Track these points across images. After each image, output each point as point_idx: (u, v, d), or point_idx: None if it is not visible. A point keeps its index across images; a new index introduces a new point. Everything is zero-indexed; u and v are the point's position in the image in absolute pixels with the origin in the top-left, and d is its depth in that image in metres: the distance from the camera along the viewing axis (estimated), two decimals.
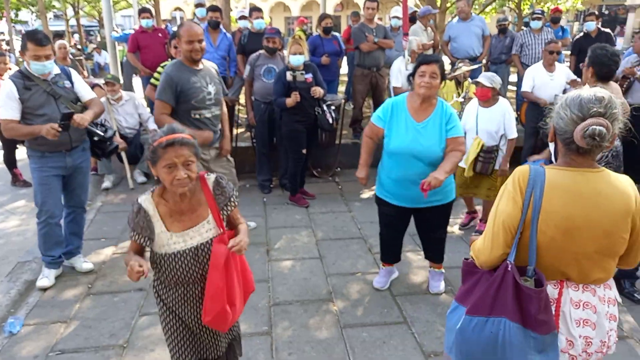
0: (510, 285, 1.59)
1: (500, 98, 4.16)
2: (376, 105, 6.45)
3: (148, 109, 6.02)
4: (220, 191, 2.02)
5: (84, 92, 3.51)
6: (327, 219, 4.80)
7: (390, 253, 3.51)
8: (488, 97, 4.06)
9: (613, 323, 1.66)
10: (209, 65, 3.74)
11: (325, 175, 6.05)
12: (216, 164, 3.83)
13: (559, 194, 1.56)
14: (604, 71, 3.15)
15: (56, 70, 3.36)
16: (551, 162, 1.75)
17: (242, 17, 7.09)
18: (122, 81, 6.00)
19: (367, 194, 5.48)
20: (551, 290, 1.63)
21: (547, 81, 5.17)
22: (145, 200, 1.92)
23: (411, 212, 3.27)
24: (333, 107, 5.05)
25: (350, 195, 5.43)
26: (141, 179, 5.78)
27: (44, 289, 3.53)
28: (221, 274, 1.90)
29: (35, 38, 3.16)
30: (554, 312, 1.61)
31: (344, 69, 8.15)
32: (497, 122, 4.08)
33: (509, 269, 1.61)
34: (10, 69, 5.67)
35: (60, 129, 3.13)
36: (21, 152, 5.95)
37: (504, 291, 1.60)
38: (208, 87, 3.56)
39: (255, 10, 6.46)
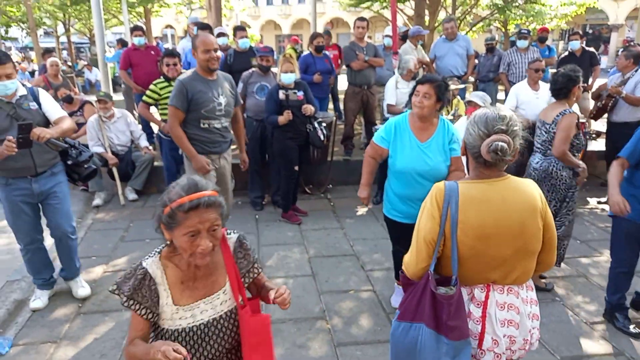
0: (428, 293, 1.74)
1: None
2: (367, 122, 6.52)
3: (140, 126, 6.04)
4: (243, 254, 1.69)
5: (53, 112, 3.23)
6: (319, 235, 4.81)
7: None
8: None
9: (535, 322, 1.81)
10: (223, 76, 3.80)
11: (317, 192, 6.07)
12: (221, 177, 3.89)
13: (472, 206, 1.71)
14: (553, 88, 3.55)
15: (22, 91, 3.13)
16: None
17: (221, 34, 6.86)
18: (114, 98, 6.00)
19: (359, 210, 5.50)
20: (478, 293, 1.77)
21: (532, 99, 5.25)
22: (153, 264, 1.56)
23: None
24: (324, 124, 5.10)
25: (342, 212, 5.45)
26: (132, 196, 5.76)
27: (36, 310, 3.48)
28: (271, 352, 1.61)
29: None
30: (480, 314, 1.75)
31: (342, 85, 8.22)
32: None
33: (430, 278, 1.76)
34: None
35: (14, 144, 2.87)
36: None
37: (424, 299, 1.75)
38: (219, 98, 3.66)
39: (239, 29, 6.52)
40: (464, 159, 1.94)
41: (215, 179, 3.93)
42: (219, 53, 3.59)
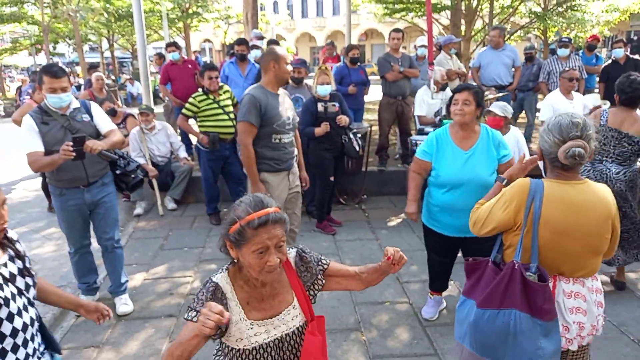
0: (518, 281, 1.86)
1: (512, 127, 4.16)
2: (402, 132, 6.49)
3: (179, 138, 6.21)
4: (305, 267, 1.68)
5: (104, 124, 3.37)
6: (354, 246, 4.79)
7: (439, 281, 3.46)
8: (500, 126, 4.03)
9: (600, 309, 1.96)
10: (283, 91, 3.78)
11: (351, 203, 6.07)
12: (294, 194, 3.84)
13: (555, 204, 1.87)
14: (623, 98, 3.50)
15: (75, 103, 3.26)
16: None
17: (255, 47, 7.05)
18: (155, 111, 6.20)
19: (394, 221, 5.46)
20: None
21: (569, 108, 5.11)
22: (222, 279, 1.56)
23: (459, 241, 3.19)
24: (359, 135, 5.12)
25: (377, 223, 5.42)
26: (171, 205, 5.91)
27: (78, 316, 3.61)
28: None
29: (50, 71, 3.08)
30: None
31: (375, 96, 8.21)
32: (512, 150, 4.05)
33: (517, 267, 1.88)
34: None
35: (72, 149, 2.93)
36: None
37: (512, 286, 1.86)
38: (287, 111, 3.62)
39: (273, 42, 6.68)
40: (540, 163, 2.08)
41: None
42: (257, 65, 3.65)
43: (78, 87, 16.52)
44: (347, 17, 9.69)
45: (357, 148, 4.97)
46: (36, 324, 1.69)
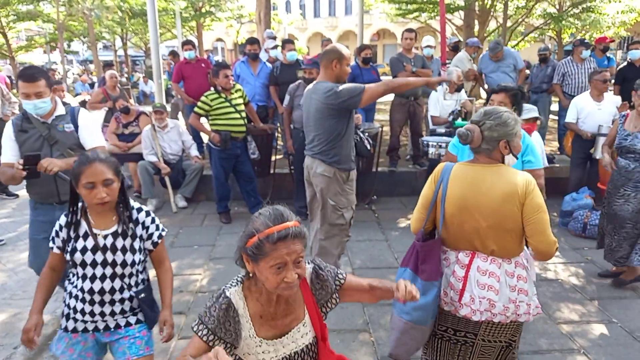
0: (415, 245, 2.17)
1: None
2: (414, 133, 6.46)
3: (191, 137, 6.24)
4: (321, 285, 1.63)
5: (89, 138, 2.94)
6: (364, 247, 4.78)
7: None
8: (533, 130, 4.00)
9: (523, 296, 2.03)
10: None
11: (361, 203, 6.05)
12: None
13: (458, 182, 2.07)
14: None
15: (60, 110, 2.90)
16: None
17: (275, 47, 7.10)
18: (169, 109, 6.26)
19: (404, 222, 5.44)
20: (463, 257, 2.09)
21: (595, 111, 5.06)
22: (235, 294, 1.51)
23: None
24: (367, 134, 5.09)
25: (387, 224, 5.40)
26: (182, 203, 5.94)
27: None
28: None
29: (24, 74, 2.72)
30: (463, 275, 2.07)
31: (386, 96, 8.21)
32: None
33: (419, 235, 2.18)
34: (65, 96, 6.01)
35: (23, 172, 2.65)
36: None
37: (413, 249, 2.18)
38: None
39: (287, 42, 6.67)
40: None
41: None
42: (268, 64, 3.63)
43: (92, 85, 16.70)
44: (360, 17, 9.68)
45: (368, 147, 4.95)
46: (122, 295, 2.05)
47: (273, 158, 6.24)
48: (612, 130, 4.02)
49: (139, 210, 2.09)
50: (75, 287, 2.06)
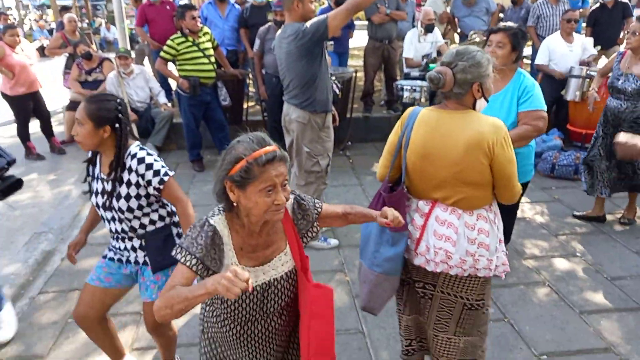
0: (380, 194, 2.07)
1: None
2: (388, 78, 6.39)
3: (158, 84, 6.02)
4: (302, 214, 1.65)
5: None
6: (338, 192, 4.81)
7: None
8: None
9: (483, 250, 1.92)
10: None
11: (335, 150, 6.02)
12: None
13: (422, 129, 1.94)
14: None
15: None
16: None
17: None
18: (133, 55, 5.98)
19: (377, 168, 5.46)
20: (423, 205, 1.99)
21: (566, 52, 5.06)
22: (219, 222, 1.49)
23: None
24: (335, 78, 4.98)
25: (361, 169, 5.43)
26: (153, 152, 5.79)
27: None
28: (329, 323, 1.58)
29: None
30: (421, 224, 1.98)
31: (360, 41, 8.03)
32: None
33: (384, 183, 2.10)
34: (20, 41, 5.67)
35: None
36: (34, 126, 6.00)
37: (377, 198, 2.09)
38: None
39: None
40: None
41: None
42: (237, 6, 3.46)
43: (50, 32, 15.80)
44: None
45: (337, 91, 4.85)
46: (134, 234, 2.11)
47: (245, 105, 6.11)
48: (608, 62, 3.99)
49: (133, 156, 2.02)
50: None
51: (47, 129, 6.04)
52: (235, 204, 1.46)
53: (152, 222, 2.11)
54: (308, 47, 3.20)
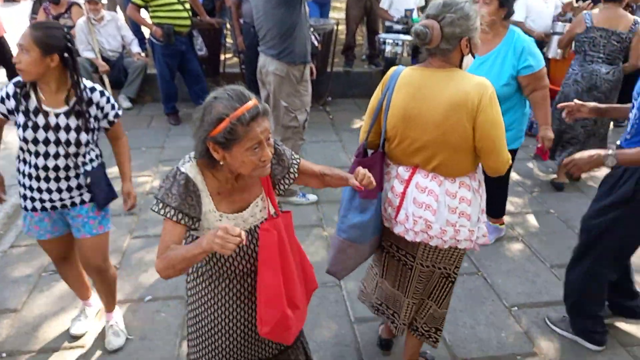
0: (356, 159, 2.00)
1: None
2: (370, 31, 6.23)
3: (131, 32, 5.74)
4: (277, 160, 1.60)
5: None
6: (318, 148, 4.76)
7: None
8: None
9: (464, 220, 1.83)
10: None
11: (315, 105, 5.93)
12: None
13: (404, 89, 1.81)
14: None
15: None
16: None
17: None
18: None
19: (358, 124, 5.42)
20: (403, 172, 1.88)
21: (543, 9, 4.96)
22: (191, 169, 1.44)
23: None
24: (313, 30, 4.83)
25: (341, 125, 5.37)
26: (126, 104, 5.60)
27: None
28: (276, 270, 1.49)
29: None
30: (401, 191, 1.87)
31: None
32: None
33: (360, 148, 2.01)
34: None
35: None
36: (0, 74, 5.73)
37: (355, 165, 1.97)
38: None
39: None
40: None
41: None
42: None
43: None
44: None
45: (315, 44, 4.71)
46: (77, 171, 2.05)
47: (222, 57, 5.91)
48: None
49: (92, 89, 2.01)
50: (29, 164, 2.03)
51: (13, 76, 5.75)
52: (220, 163, 1.40)
53: (91, 160, 2.10)
54: None
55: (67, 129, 1.96)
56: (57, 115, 1.94)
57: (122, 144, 2.23)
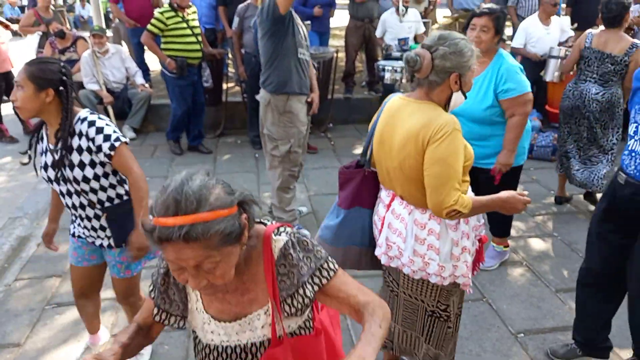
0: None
1: None
2: (369, 59, 6.33)
3: (135, 63, 5.85)
4: (287, 270, 1.16)
5: None
6: (320, 174, 4.79)
7: None
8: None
9: (432, 254, 1.80)
10: None
11: (317, 131, 5.99)
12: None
13: (384, 115, 1.89)
14: (604, 19, 3.55)
15: None
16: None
17: None
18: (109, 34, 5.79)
19: (359, 149, 5.45)
20: (384, 196, 1.95)
21: (543, 35, 5.06)
22: None
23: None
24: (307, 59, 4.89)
25: (342, 151, 5.41)
26: (130, 134, 5.68)
27: None
28: None
29: None
30: (383, 215, 1.92)
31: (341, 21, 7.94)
32: None
33: (350, 164, 2.11)
34: None
35: None
36: (7, 108, 5.82)
37: (339, 172, 2.12)
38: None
39: None
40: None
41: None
42: None
43: (22, 9, 15.23)
44: None
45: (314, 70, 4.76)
46: (94, 210, 2.00)
47: (225, 86, 6.00)
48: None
49: (83, 120, 1.89)
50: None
51: None
52: None
53: (110, 199, 2.01)
54: (267, 25, 3.14)
55: (63, 165, 1.89)
56: (56, 152, 1.90)
57: (131, 182, 1.96)
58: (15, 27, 6.66)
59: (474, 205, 1.73)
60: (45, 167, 1.96)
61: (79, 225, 2.09)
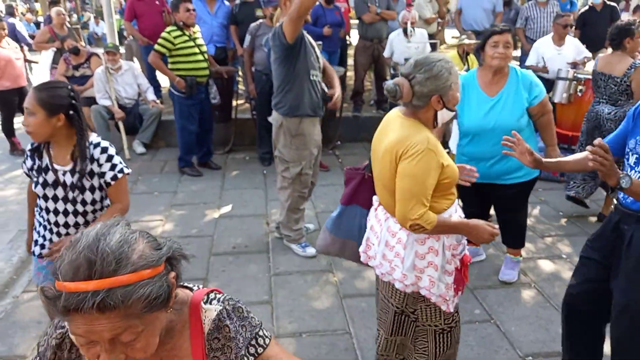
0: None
1: None
2: (377, 78, 6.39)
3: (147, 80, 5.94)
4: (222, 344, 1.02)
5: None
6: (327, 191, 4.80)
7: None
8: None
9: (398, 261, 1.90)
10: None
11: (325, 149, 6.00)
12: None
13: (380, 126, 2.02)
14: (610, 39, 3.72)
15: None
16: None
17: None
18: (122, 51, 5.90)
19: None
20: (375, 200, 2.11)
21: (555, 55, 5.10)
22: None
23: (489, 189, 2.99)
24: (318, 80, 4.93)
25: None
26: (140, 149, 5.74)
27: None
28: None
29: None
30: (370, 217, 2.11)
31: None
32: None
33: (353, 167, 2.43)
34: (6, 35, 5.58)
35: None
36: (19, 121, 5.92)
37: (345, 171, 2.47)
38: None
39: None
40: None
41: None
42: (226, 2, 3.41)
43: (37, 25, 15.57)
44: None
45: (325, 89, 4.82)
46: (68, 230, 2.04)
47: (234, 103, 6.07)
48: None
49: (96, 145, 1.99)
50: (42, 217, 2.09)
51: None
52: None
53: (94, 220, 2.08)
54: (278, 50, 3.18)
55: (73, 187, 1.98)
56: (64, 173, 1.98)
57: (115, 206, 2.03)
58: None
59: (439, 224, 1.80)
60: (44, 185, 1.99)
61: (49, 241, 2.09)
